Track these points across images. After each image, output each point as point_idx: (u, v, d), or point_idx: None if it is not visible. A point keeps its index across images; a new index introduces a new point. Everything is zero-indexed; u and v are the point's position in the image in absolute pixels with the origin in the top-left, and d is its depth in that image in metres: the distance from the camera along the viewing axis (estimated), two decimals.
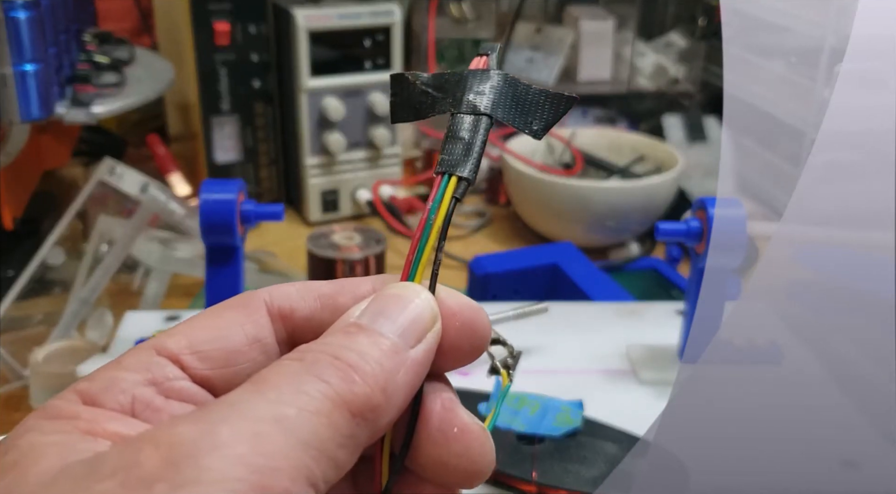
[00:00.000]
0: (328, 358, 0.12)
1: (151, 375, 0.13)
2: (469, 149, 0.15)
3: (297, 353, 0.13)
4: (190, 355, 0.13)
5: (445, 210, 0.14)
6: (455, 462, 0.13)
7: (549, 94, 0.15)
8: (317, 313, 0.14)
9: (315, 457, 0.11)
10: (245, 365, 0.14)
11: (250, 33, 0.59)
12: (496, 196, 0.66)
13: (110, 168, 0.46)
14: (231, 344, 0.14)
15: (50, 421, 0.12)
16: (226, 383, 0.14)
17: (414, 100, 0.16)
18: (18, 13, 0.41)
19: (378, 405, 0.12)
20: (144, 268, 0.48)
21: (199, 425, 0.11)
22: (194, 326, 0.14)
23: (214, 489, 0.10)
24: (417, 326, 0.13)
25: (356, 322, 0.13)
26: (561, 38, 0.75)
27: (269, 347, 0.14)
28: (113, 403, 0.13)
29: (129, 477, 0.10)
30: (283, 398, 0.12)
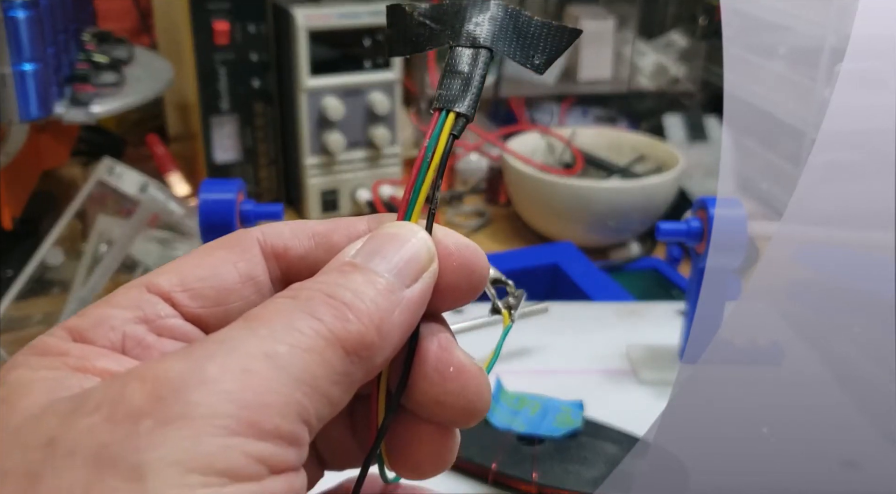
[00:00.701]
0: (322, 296, 0.12)
1: (142, 312, 0.13)
2: (468, 84, 0.14)
3: (290, 291, 0.13)
4: (181, 292, 0.13)
5: (443, 147, 0.14)
6: (451, 401, 0.13)
7: (551, 26, 0.15)
8: (311, 252, 0.14)
9: (307, 394, 0.11)
10: (238, 303, 0.13)
11: (250, 33, 0.59)
12: (496, 196, 0.66)
13: (109, 168, 0.46)
14: (223, 282, 0.13)
15: (39, 357, 0.12)
16: (218, 321, 0.13)
17: (411, 32, 0.15)
18: (17, 13, 0.41)
19: (372, 343, 0.12)
20: (144, 268, 0.48)
21: (187, 361, 0.11)
22: (185, 264, 0.14)
23: (202, 424, 0.10)
24: (413, 266, 0.13)
25: (351, 261, 0.13)
26: None
27: (263, 286, 0.14)
28: (103, 340, 0.12)
29: (114, 412, 0.10)
30: (274, 335, 0.11)
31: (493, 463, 0.30)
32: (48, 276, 0.48)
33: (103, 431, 0.10)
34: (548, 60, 0.15)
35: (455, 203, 0.66)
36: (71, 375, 0.12)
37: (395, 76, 0.61)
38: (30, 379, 0.12)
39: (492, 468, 0.29)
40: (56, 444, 0.10)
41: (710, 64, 0.76)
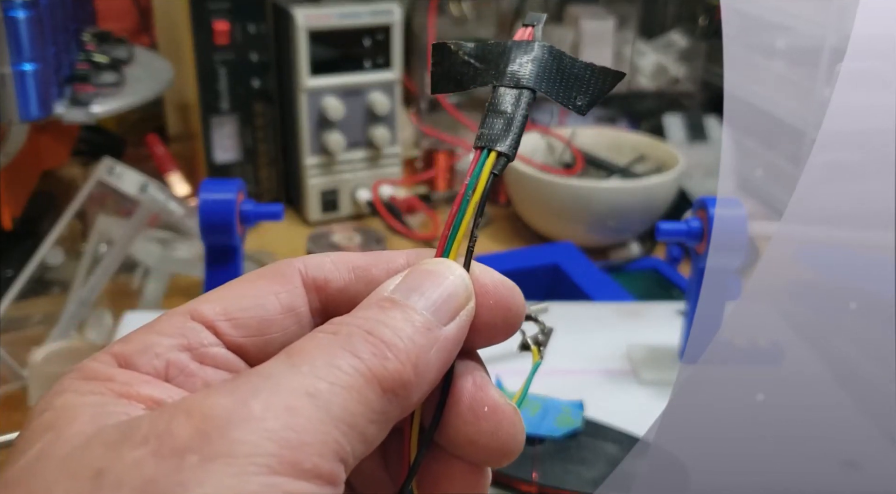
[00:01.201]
0: (362, 332, 0.12)
1: (186, 340, 0.13)
2: (510, 124, 0.14)
3: (331, 326, 0.13)
4: (224, 321, 0.13)
5: (483, 185, 0.14)
6: (485, 441, 0.13)
7: (595, 68, 0.15)
8: (350, 285, 0.14)
9: (345, 432, 0.11)
10: (278, 334, 0.14)
11: (250, 33, 0.59)
12: (496, 196, 0.66)
13: (109, 168, 0.46)
14: (265, 312, 0.14)
15: (85, 382, 0.12)
16: (259, 351, 0.14)
17: (455, 70, 0.15)
18: (17, 13, 0.41)
19: (409, 381, 0.12)
20: (144, 269, 0.48)
21: (232, 396, 0.11)
22: (229, 293, 0.14)
23: (245, 462, 0.10)
24: (451, 304, 0.13)
25: (390, 296, 0.13)
26: (561, 38, 0.75)
27: (303, 317, 0.14)
28: (147, 367, 0.13)
29: (161, 446, 0.11)
30: (316, 372, 0.12)
31: None
32: (48, 276, 0.48)
33: (150, 465, 0.10)
34: (590, 102, 0.15)
35: None
36: (116, 401, 0.12)
37: (394, 76, 0.61)
38: (76, 404, 0.12)
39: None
40: (103, 476, 0.10)
41: (710, 64, 0.76)
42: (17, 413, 0.40)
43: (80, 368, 0.13)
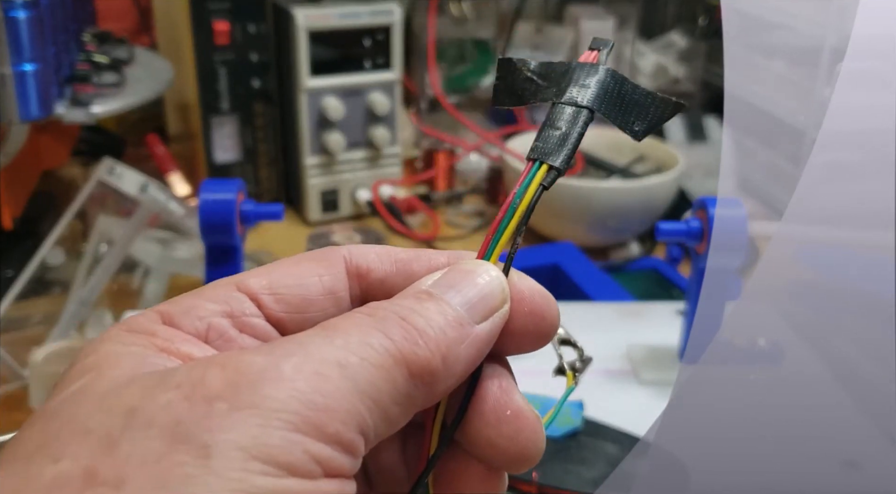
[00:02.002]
0: (396, 317, 0.13)
1: (229, 307, 0.14)
2: (565, 140, 0.15)
3: (368, 308, 0.13)
4: (268, 295, 0.14)
5: (531, 196, 0.14)
6: (505, 445, 0.14)
7: (655, 96, 0.15)
8: (391, 276, 0.15)
9: (369, 407, 0.12)
10: (317, 313, 0.14)
11: (250, 33, 0.59)
12: (496, 196, 0.66)
13: (110, 168, 0.46)
14: (308, 291, 0.14)
15: (129, 334, 0.13)
16: (296, 326, 0.14)
17: (518, 86, 0.16)
18: (18, 13, 0.41)
19: (436, 370, 0.12)
20: (144, 269, 0.48)
21: (266, 356, 0.12)
22: (275, 269, 0.14)
23: (271, 416, 0.11)
24: (485, 303, 0.13)
25: (427, 289, 0.13)
26: (561, 38, 0.75)
27: (342, 301, 0.14)
28: (189, 326, 0.13)
29: (193, 392, 0.11)
30: (349, 346, 0.12)
31: None
32: (48, 276, 0.48)
33: (180, 408, 0.11)
34: (647, 129, 0.15)
35: (455, 203, 0.66)
36: (156, 354, 0.13)
37: (395, 76, 0.61)
38: (119, 352, 0.12)
39: None
40: (136, 414, 0.11)
41: (710, 64, 0.76)
42: (18, 413, 0.40)
43: (127, 321, 0.13)
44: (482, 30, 0.73)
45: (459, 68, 0.73)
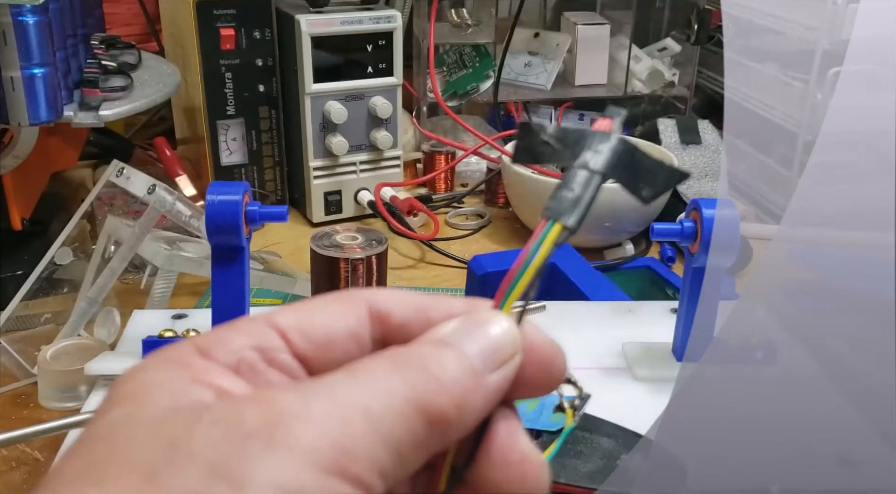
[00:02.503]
0: (416, 365, 0.13)
1: (259, 342, 0.14)
2: (578, 202, 0.16)
3: (390, 353, 0.14)
4: (296, 332, 0.15)
5: (545, 252, 0.15)
6: (510, 489, 0.14)
7: (663, 165, 0.16)
8: (410, 321, 0.15)
9: (389, 453, 0.12)
10: (340, 353, 0.15)
11: (255, 38, 0.60)
12: (495, 197, 0.67)
13: (118, 170, 0.47)
14: (333, 331, 0.15)
15: (167, 363, 0.14)
16: (321, 365, 0.15)
17: (536, 147, 0.17)
18: (27, 18, 0.42)
19: (452, 418, 0.13)
20: (151, 268, 0.49)
21: (300, 397, 0.12)
22: (305, 308, 0.15)
23: (300, 455, 0.12)
24: (499, 354, 0.14)
25: (445, 338, 0.14)
26: (558, 43, 0.76)
27: (364, 343, 0.15)
28: (222, 358, 0.14)
29: (230, 429, 0.12)
30: (373, 391, 0.13)
31: None
32: (57, 276, 0.48)
33: (219, 444, 0.12)
34: (654, 194, 0.16)
35: (455, 204, 0.67)
36: (193, 385, 0.13)
37: (396, 81, 0.62)
38: (159, 381, 0.13)
39: None
40: (177, 447, 0.12)
41: (704, 69, 0.77)
42: (27, 411, 0.41)
43: (165, 351, 0.14)
44: (481, 35, 0.74)
45: (459, 73, 0.74)
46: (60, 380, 0.40)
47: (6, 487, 0.35)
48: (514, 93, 0.75)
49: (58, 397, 0.40)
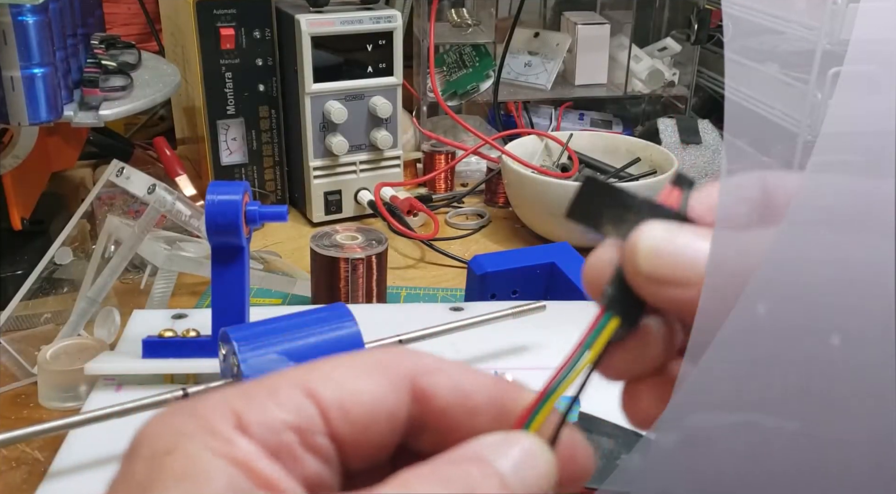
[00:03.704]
0: (465, 491, 0.13)
1: (299, 421, 0.14)
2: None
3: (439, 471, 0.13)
4: (337, 411, 0.14)
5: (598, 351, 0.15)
6: None
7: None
8: (452, 408, 0.15)
9: None
10: (376, 436, 0.14)
11: (255, 38, 0.60)
12: (495, 197, 0.67)
13: (118, 169, 0.47)
14: (375, 411, 0.14)
15: (210, 437, 0.13)
16: (353, 446, 0.14)
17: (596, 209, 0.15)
18: (27, 17, 0.42)
19: None
20: (151, 268, 0.49)
21: None
22: (348, 376, 0.14)
23: None
24: (538, 488, 0.14)
25: (495, 465, 0.14)
26: (558, 43, 0.77)
27: (399, 424, 0.15)
28: (261, 438, 0.13)
29: None
30: None
31: None
32: (57, 275, 0.48)
33: None
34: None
35: (455, 204, 0.67)
36: (236, 473, 0.13)
37: (396, 81, 0.62)
38: (210, 464, 0.13)
39: None
40: None
41: (704, 68, 0.77)
42: (27, 410, 0.41)
43: (198, 414, 0.13)
44: (481, 35, 0.74)
45: (459, 73, 0.74)
46: (60, 380, 0.40)
47: (6, 487, 0.35)
48: (514, 93, 0.75)
49: (58, 397, 0.40)
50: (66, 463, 0.33)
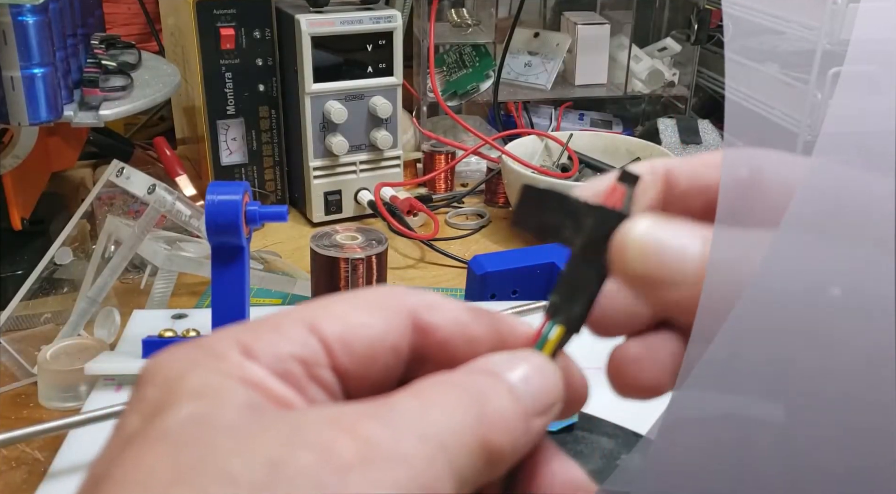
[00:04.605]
0: (480, 398, 0.14)
1: (303, 353, 0.14)
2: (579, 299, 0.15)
3: (450, 379, 0.14)
4: (340, 345, 0.14)
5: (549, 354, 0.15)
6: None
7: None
8: (453, 338, 0.15)
9: (452, 481, 0.13)
10: (380, 368, 0.15)
11: (255, 38, 0.60)
12: (495, 197, 0.67)
13: (118, 169, 0.47)
14: (376, 346, 0.14)
15: (216, 362, 0.13)
16: (357, 378, 0.14)
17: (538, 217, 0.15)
18: (27, 17, 0.42)
19: (506, 457, 0.13)
20: (151, 268, 0.49)
21: (387, 430, 0.12)
22: (350, 314, 0.14)
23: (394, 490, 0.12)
24: (546, 400, 0.15)
25: (505, 376, 0.14)
26: (558, 43, 0.77)
27: (402, 354, 0.15)
28: (267, 363, 0.13)
29: (327, 459, 0.12)
30: (445, 424, 0.13)
31: None
32: (57, 275, 0.48)
33: (319, 474, 0.12)
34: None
35: (455, 204, 0.67)
36: (250, 391, 0.13)
37: (396, 81, 0.62)
38: (222, 383, 0.13)
39: None
40: (278, 469, 0.11)
41: (704, 69, 0.77)
42: (27, 410, 0.41)
43: (202, 344, 0.13)
44: (481, 35, 0.74)
45: (459, 73, 0.74)
46: (60, 380, 0.40)
47: (6, 487, 0.35)
48: (514, 93, 0.75)
49: (58, 397, 0.40)
50: (66, 463, 0.33)
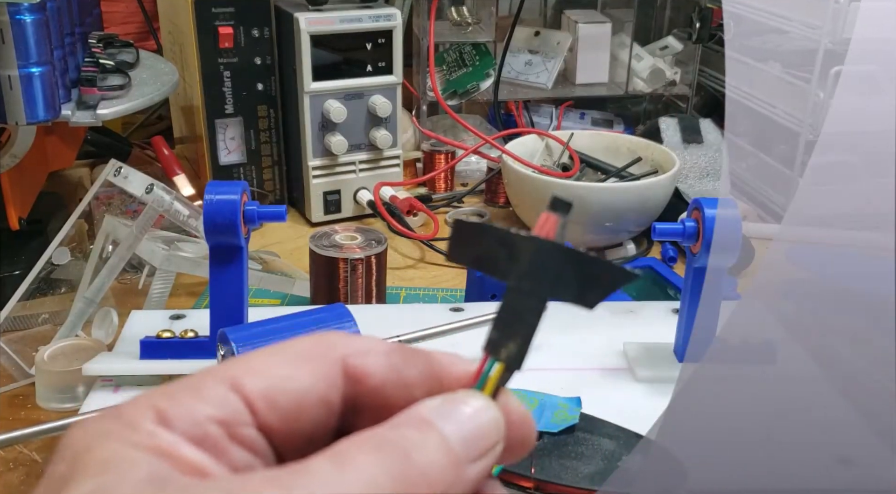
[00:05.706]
0: (402, 454, 0.13)
1: (224, 415, 0.13)
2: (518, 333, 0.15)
3: (372, 438, 0.13)
4: (264, 402, 0.14)
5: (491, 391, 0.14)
6: None
7: (610, 267, 0.15)
8: (387, 384, 0.15)
9: None
10: (308, 423, 0.14)
11: (254, 37, 0.59)
12: (495, 197, 0.67)
13: (116, 169, 0.46)
14: (303, 400, 0.14)
15: (130, 431, 0.13)
16: (285, 435, 0.14)
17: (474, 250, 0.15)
18: (24, 16, 0.42)
19: None
20: (149, 268, 0.49)
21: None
22: (272, 369, 0.14)
23: None
24: (483, 443, 0.14)
25: (430, 420, 0.14)
26: (559, 42, 0.76)
27: (334, 408, 0.14)
28: (184, 431, 0.13)
29: None
30: (360, 484, 0.12)
31: None
32: (55, 276, 0.48)
33: None
34: (601, 298, 0.15)
35: (455, 204, 0.67)
36: (158, 462, 0.12)
37: (395, 79, 0.62)
38: (129, 455, 0.12)
39: None
40: None
41: (705, 67, 0.77)
42: (25, 411, 0.40)
43: (118, 412, 0.13)
44: (481, 34, 0.74)
45: (459, 71, 0.74)
46: (58, 381, 0.40)
47: (4, 488, 0.35)
48: (515, 92, 0.75)
49: (55, 398, 0.40)
50: None
